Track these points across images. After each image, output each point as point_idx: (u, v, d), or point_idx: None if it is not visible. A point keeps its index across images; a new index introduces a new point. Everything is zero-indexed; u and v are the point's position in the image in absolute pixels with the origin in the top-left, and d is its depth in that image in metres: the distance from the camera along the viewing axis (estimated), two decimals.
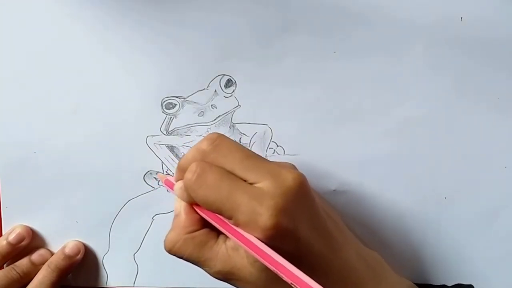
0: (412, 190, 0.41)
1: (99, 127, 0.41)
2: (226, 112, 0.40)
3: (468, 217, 0.41)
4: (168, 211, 0.42)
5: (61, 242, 0.42)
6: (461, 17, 0.38)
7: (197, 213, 0.34)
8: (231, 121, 0.41)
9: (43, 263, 0.41)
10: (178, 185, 0.34)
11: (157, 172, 0.41)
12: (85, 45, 0.40)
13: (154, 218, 0.42)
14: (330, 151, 0.40)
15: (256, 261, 0.31)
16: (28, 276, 0.41)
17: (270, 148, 0.41)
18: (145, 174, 0.41)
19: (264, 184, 0.30)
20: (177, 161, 0.41)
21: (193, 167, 0.32)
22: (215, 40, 0.39)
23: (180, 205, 0.34)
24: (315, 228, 0.32)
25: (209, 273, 0.34)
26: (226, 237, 0.33)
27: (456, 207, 0.41)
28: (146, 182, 0.41)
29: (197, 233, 0.34)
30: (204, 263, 0.33)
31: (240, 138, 0.41)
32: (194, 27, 0.39)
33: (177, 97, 0.40)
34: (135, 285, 0.43)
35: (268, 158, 0.41)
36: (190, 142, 0.41)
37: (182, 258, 0.34)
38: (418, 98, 0.40)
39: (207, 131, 0.41)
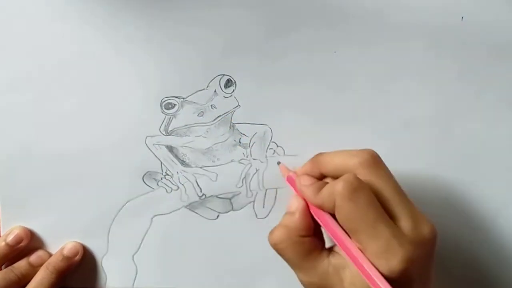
0: (412, 190, 0.40)
1: (98, 128, 0.41)
2: (226, 112, 0.40)
3: (468, 217, 0.41)
4: (167, 212, 0.42)
5: (59, 243, 0.42)
6: (462, 17, 0.38)
7: (311, 217, 0.34)
8: (231, 121, 0.40)
9: (41, 265, 0.41)
10: (306, 180, 0.34)
11: (279, 162, 0.40)
12: (84, 45, 0.40)
13: (153, 219, 0.42)
14: (330, 151, 0.40)
15: None
16: (26, 278, 0.41)
17: (270, 148, 0.41)
18: (144, 175, 0.41)
19: (403, 224, 0.31)
20: (176, 161, 0.41)
21: (350, 178, 0.31)
22: (215, 40, 0.39)
23: (298, 204, 0.34)
24: (424, 284, 0.32)
25: (300, 280, 0.34)
26: (330, 252, 0.33)
27: (457, 207, 0.41)
28: (145, 183, 0.41)
29: (307, 239, 0.33)
30: (302, 270, 0.33)
31: (240, 138, 0.41)
32: (193, 27, 0.39)
33: (176, 97, 0.40)
34: (134, 287, 0.43)
35: (268, 158, 0.41)
36: (190, 142, 0.41)
37: (281, 256, 0.34)
38: (418, 98, 0.40)
39: (207, 131, 0.41)
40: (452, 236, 0.41)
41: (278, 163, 0.40)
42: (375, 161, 0.32)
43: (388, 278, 0.30)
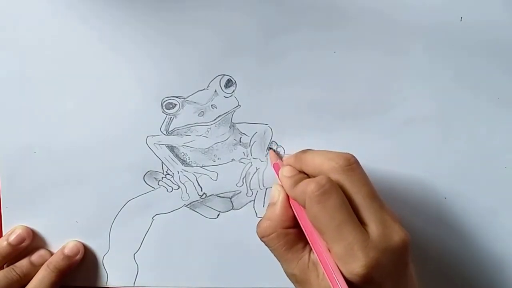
0: (412, 190, 0.41)
1: (99, 127, 0.41)
2: (226, 112, 0.40)
3: (468, 217, 0.41)
4: (168, 211, 0.42)
5: (61, 242, 0.42)
6: (461, 17, 0.38)
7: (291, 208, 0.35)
8: (231, 121, 0.41)
9: (42, 264, 0.41)
10: (288, 172, 0.35)
11: (269, 148, 0.40)
12: (85, 45, 0.40)
13: (154, 218, 0.42)
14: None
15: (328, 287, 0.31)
16: (27, 277, 0.41)
17: (270, 148, 0.41)
18: (145, 174, 0.41)
19: (372, 229, 0.31)
20: (177, 161, 0.41)
21: (322, 181, 0.32)
22: (215, 40, 0.39)
23: (278, 195, 0.35)
24: None
25: (284, 271, 0.35)
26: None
27: (456, 207, 0.41)
28: (146, 182, 0.41)
29: (291, 230, 0.35)
30: (285, 261, 0.34)
31: (240, 138, 0.41)
32: (194, 27, 0.39)
33: (177, 97, 0.40)
34: (135, 285, 0.43)
35: (268, 158, 0.41)
36: (190, 142, 0.41)
37: (268, 248, 0.35)
38: (418, 98, 0.40)
39: (207, 131, 0.41)
40: (451, 235, 0.41)
41: (269, 148, 0.40)
42: (350, 166, 0.33)
43: (350, 282, 0.30)
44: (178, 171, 0.41)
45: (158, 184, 0.41)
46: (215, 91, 0.40)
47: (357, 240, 0.30)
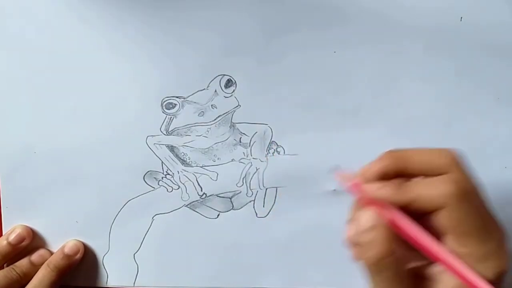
0: None
1: (99, 127, 0.41)
2: (226, 112, 0.40)
3: None
4: (168, 211, 0.42)
5: (61, 242, 0.42)
6: (461, 17, 0.38)
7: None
8: (231, 121, 0.41)
9: (42, 264, 0.41)
10: (388, 183, 0.29)
11: (336, 171, 0.33)
12: (85, 45, 0.40)
13: (154, 218, 0.42)
14: (330, 151, 0.40)
15: None
16: (27, 277, 0.41)
17: (270, 148, 0.41)
18: (145, 174, 0.41)
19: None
20: (177, 161, 0.41)
21: (463, 178, 0.29)
22: (215, 40, 0.39)
23: (371, 217, 0.29)
24: None
25: None
26: None
27: None
28: (146, 182, 0.41)
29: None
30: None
31: (240, 138, 0.41)
32: (194, 27, 0.39)
33: (177, 97, 0.40)
34: (135, 285, 0.43)
35: (268, 158, 0.41)
36: (190, 142, 0.41)
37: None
38: (418, 98, 0.40)
39: (207, 131, 0.41)
40: None
41: (332, 169, 0.35)
42: (460, 159, 0.30)
43: (491, 281, 0.28)
44: (178, 171, 0.41)
45: (158, 184, 0.41)
46: (215, 91, 0.40)
47: (504, 235, 0.29)
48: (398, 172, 0.30)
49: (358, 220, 0.29)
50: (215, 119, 0.40)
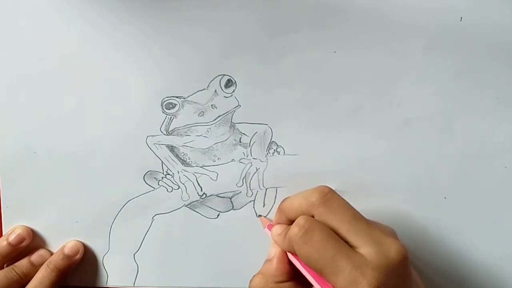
0: (412, 190, 0.41)
1: (99, 128, 0.41)
2: (226, 112, 0.40)
3: (468, 217, 0.41)
4: (168, 211, 0.42)
5: (61, 242, 0.42)
6: (461, 17, 0.38)
7: (289, 263, 0.35)
8: (231, 121, 0.41)
9: (42, 264, 0.41)
10: (277, 230, 0.35)
11: (259, 215, 0.41)
12: (85, 45, 0.40)
13: (154, 218, 0.42)
14: (330, 151, 0.40)
15: None
16: (27, 277, 0.41)
17: (270, 148, 0.41)
18: (145, 174, 0.41)
19: (366, 251, 0.30)
20: (177, 161, 0.41)
21: (301, 221, 0.32)
22: (216, 40, 0.39)
23: (274, 251, 0.35)
24: None
25: None
26: None
27: (456, 207, 0.41)
28: (146, 182, 0.41)
29: (284, 284, 0.34)
30: None
31: (240, 138, 0.41)
32: (194, 26, 0.39)
33: (177, 97, 0.40)
34: (135, 285, 0.43)
35: (268, 158, 0.41)
36: (190, 142, 0.41)
37: None
38: (418, 98, 0.40)
39: (207, 131, 0.41)
40: (451, 235, 0.41)
41: (259, 216, 0.41)
42: (326, 197, 0.33)
43: None
44: (178, 171, 0.41)
45: (158, 184, 0.41)
46: (215, 91, 0.40)
47: (356, 266, 0.30)
48: (288, 220, 0.36)
49: (269, 252, 0.36)
50: (215, 119, 0.41)
